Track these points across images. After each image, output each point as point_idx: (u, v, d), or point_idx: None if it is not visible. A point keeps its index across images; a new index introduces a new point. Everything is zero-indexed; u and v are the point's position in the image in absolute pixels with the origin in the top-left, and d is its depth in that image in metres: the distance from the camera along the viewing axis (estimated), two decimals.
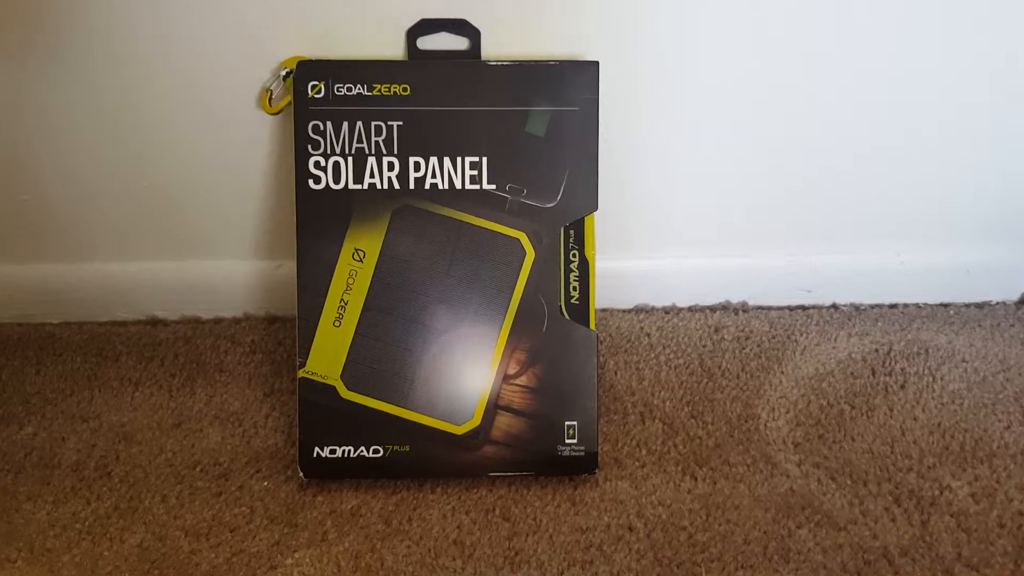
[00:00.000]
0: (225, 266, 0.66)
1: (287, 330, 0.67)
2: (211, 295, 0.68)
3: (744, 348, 0.66)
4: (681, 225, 0.66)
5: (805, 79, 0.59)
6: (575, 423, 0.54)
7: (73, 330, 0.67)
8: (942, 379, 0.63)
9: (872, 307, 0.71)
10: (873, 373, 0.64)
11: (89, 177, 0.62)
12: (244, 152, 0.60)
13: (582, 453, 0.54)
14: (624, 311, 0.70)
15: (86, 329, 0.67)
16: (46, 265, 0.66)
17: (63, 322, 0.68)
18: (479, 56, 0.55)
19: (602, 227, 0.58)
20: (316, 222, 0.54)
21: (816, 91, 0.59)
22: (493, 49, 0.55)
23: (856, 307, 0.71)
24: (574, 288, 0.55)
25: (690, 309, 0.70)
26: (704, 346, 0.66)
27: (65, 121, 0.59)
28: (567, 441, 0.54)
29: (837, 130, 0.62)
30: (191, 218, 0.64)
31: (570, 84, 0.54)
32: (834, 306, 0.71)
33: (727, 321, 0.69)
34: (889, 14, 0.56)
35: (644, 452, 0.57)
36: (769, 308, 0.70)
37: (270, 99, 0.55)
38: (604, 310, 0.70)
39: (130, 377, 0.63)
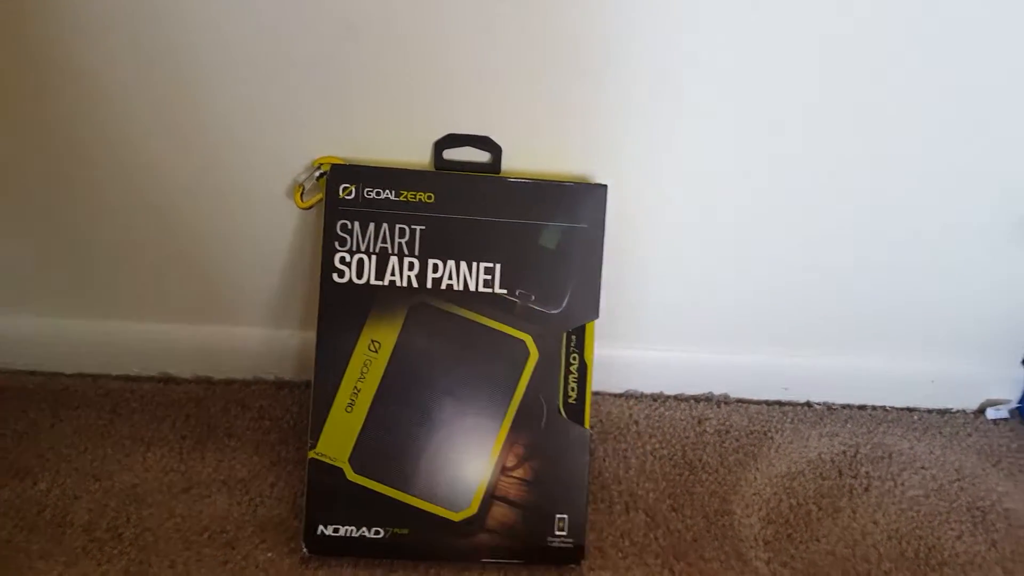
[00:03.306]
0: (239, 332, 0.70)
1: (294, 396, 0.71)
2: (223, 358, 0.71)
3: (724, 442, 0.71)
4: (671, 323, 0.71)
5: (787, 204, 0.64)
6: (565, 516, 0.58)
7: (88, 383, 0.70)
8: (903, 485, 0.69)
9: (843, 407, 0.76)
10: (840, 474, 0.69)
11: (115, 240, 0.65)
12: (269, 234, 0.64)
13: (570, 545, 0.58)
14: (615, 395, 0.75)
15: (100, 383, 0.70)
16: (64, 320, 0.69)
17: (77, 373, 0.71)
18: (499, 168, 0.59)
19: (600, 320, 0.62)
20: (337, 313, 0.58)
21: (798, 216, 0.64)
22: (513, 163, 0.59)
23: (828, 406, 0.76)
24: (572, 389, 0.59)
25: (676, 398, 0.75)
26: (687, 437, 0.71)
27: (94, 184, 0.62)
28: (557, 533, 0.58)
29: (818, 252, 0.67)
30: (212, 287, 0.67)
31: (581, 204, 0.58)
32: (808, 404, 0.76)
33: (710, 413, 0.73)
34: (860, 147, 0.61)
35: (627, 543, 0.61)
36: (748, 402, 0.75)
37: (302, 195, 0.59)
38: (596, 393, 0.75)
39: (142, 436, 0.66)
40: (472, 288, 0.58)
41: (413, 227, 0.58)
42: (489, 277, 0.58)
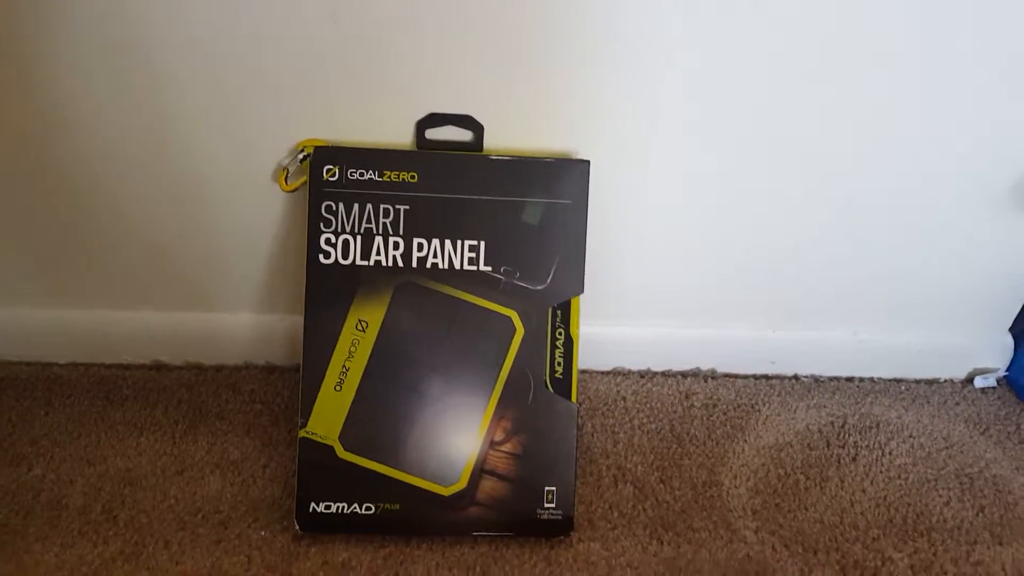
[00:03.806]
0: (229, 319, 0.70)
1: (284, 380, 0.71)
2: (214, 344, 0.72)
3: (711, 415, 0.71)
4: (657, 300, 0.72)
5: (773, 176, 0.64)
6: (554, 489, 0.59)
7: (80, 372, 0.71)
8: (890, 453, 0.69)
9: (831, 379, 0.77)
10: (828, 445, 0.70)
11: (104, 232, 0.65)
12: (255, 219, 0.64)
13: (559, 517, 0.59)
14: (603, 373, 0.75)
15: (92, 372, 0.71)
16: (56, 311, 0.70)
17: (70, 363, 0.72)
18: (482, 147, 0.60)
19: (586, 297, 0.63)
20: (324, 294, 0.58)
21: (783, 188, 0.65)
22: (495, 141, 0.60)
23: (816, 379, 0.76)
24: (558, 363, 0.60)
25: (664, 374, 0.76)
26: (675, 412, 0.72)
27: (83, 177, 0.62)
28: (546, 505, 0.59)
29: (803, 225, 0.67)
30: (201, 275, 0.68)
31: (563, 179, 0.59)
32: (796, 377, 0.77)
33: (697, 388, 0.74)
34: (850, 119, 0.61)
35: (616, 515, 0.62)
36: (736, 376, 0.76)
37: (286, 178, 0.59)
38: (584, 371, 0.75)
39: (135, 422, 0.67)
40: (457, 266, 0.59)
41: (397, 207, 0.58)
42: (474, 255, 0.59)
